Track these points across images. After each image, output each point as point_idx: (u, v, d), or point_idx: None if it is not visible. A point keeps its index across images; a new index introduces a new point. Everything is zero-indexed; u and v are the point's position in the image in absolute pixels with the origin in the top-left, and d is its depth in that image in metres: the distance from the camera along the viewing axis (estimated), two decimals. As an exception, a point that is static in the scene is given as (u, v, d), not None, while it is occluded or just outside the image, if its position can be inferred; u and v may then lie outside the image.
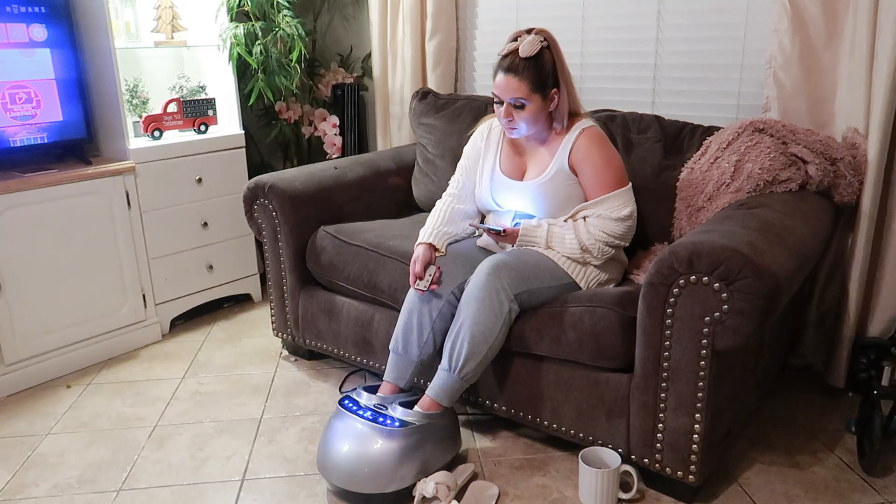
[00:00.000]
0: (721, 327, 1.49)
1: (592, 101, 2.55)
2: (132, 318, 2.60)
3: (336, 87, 3.19)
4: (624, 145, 2.17)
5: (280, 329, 2.48)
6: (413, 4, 2.85)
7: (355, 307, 2.20)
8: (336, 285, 2.24)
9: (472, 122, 2.39)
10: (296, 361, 2.51)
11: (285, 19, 2.76)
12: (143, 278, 2.62)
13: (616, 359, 1.69)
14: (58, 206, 2.34)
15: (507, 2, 2.75)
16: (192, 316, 2.87)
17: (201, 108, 2.79)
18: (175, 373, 2.44)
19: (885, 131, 1.93)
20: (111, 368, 2.49)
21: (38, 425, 2.13)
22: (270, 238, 2.37)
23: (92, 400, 2.27)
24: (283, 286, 2.40)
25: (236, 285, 2.97)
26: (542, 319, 1.78)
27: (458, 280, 1.87)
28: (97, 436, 2.06)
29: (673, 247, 1.53)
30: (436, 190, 2.44)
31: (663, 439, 1.64)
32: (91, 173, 2.40)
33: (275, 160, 3.42)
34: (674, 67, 2.41)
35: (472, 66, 2.94)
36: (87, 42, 2.50)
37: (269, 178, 2.33)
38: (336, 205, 2.43)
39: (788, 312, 2.09)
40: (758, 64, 2.23)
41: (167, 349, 2.63)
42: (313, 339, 2.36)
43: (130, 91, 2.72)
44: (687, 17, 2.35)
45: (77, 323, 2.45)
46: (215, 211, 2.83)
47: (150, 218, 2.61)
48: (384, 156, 2.72)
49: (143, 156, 2.55)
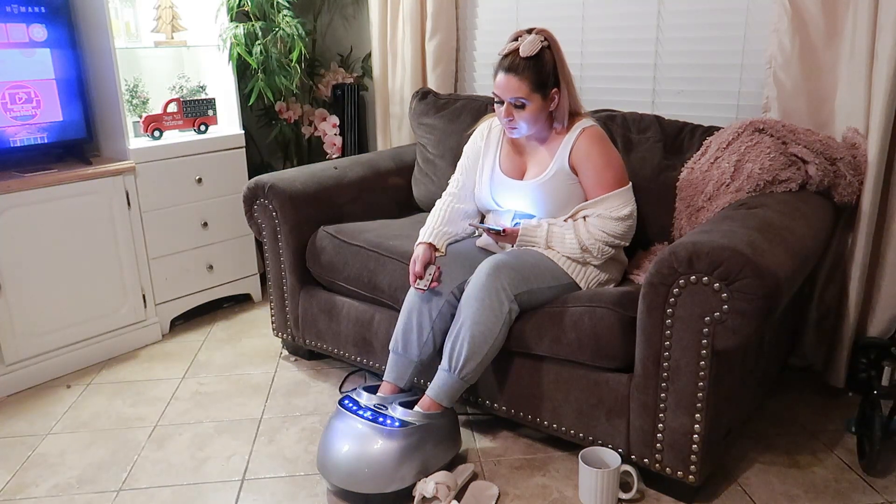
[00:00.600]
0: (721, 327, 1.49)
1: (592, 101, 2.56)
2: (132, 318, 2.60)
3: (336, 87, 3.19)
4: (624, 145, 2.17)
5: (280, 329, 2.48)
6: (413, 4, 2.85)
7: (355, 307, 2.20)
8: (336, 285, 2.24)
9: (472, 122, 2.39)
10: (296, 361, 2.51)
11: (285, 19, 2.76)
12: (143, 278, 2.62)
13: (616, 359, 1.69)
14: (58, 206, 2.34)
15: (507, 2, 2.75)
16: (191, 316, 2.87)
17: (201, 108, 2.79)
18: (175, 373, 2.44)
19: (885, 131, 1.93)
20: (111, 368, 2.49)
21: (38, 425, 2.13)
22: (270, 238, 2.37)
23: (92, 400, 2.27)
24: (283, 286, 2.40)
25: (236, 285, 2.97)
26: (542, 319, 1.78)
27: (458, 280, 1.87)
28: (97, 436, 2.06)
29: (673, 247, 1.53)
30: (436, 190, 2.44)
31: (663, 439, 1.64)
32: (91, 173, 2.40)
33: (275, 160, 3.42)
34: (674, 67, 2.41)
35: (472, 66, 2.94)
36: (87, 42, 2.50)
37: (269, 177, 2.33)
38: (336, 205, 2.43)
39: (788, 312, 2.09)
40: (758, 64, 2.23)
41: (167, 349, 2.63)
42: (313, 339, 2.36)
43: (130, 91, 2.72)
44: (687, 17, 2.35)
45: (77, 323, 2.45)
46: (215, 211, 2.83)
47: (150, 218, 2.61)
48: (384, 156, 2.72)
49: (143, 156, 2.55)
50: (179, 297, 2.77)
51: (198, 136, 2.77)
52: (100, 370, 2.47)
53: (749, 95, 2.28)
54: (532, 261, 1.84)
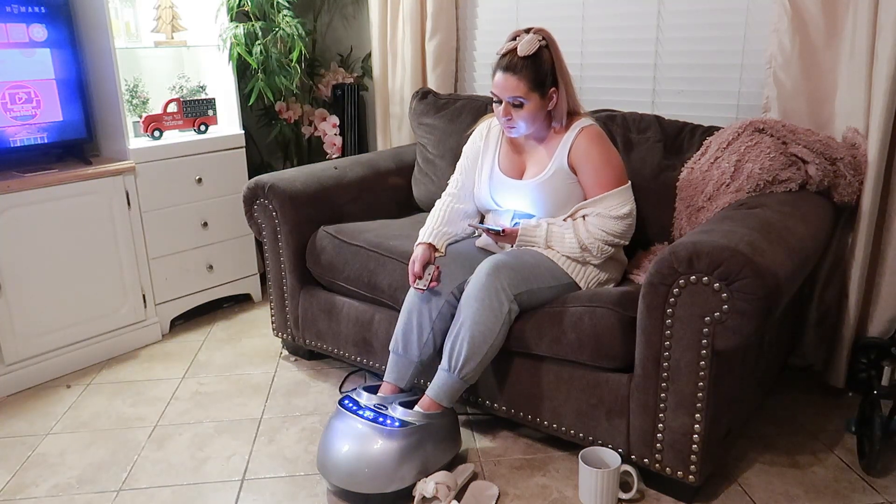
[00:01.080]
0: (721, 327, 1.49)
1: (592, 101, 2.56)
2: (132, 318, 2.61)
3: (336, 87, 3.19)
4: (624, 145, 2.17)
5: (280, 329, 2.48)
6: (413, 4, 2.85)
7: (355, 307, 2.20)
8: (336, 285, 2.24)
9: (471, 122, 2.39)
10: (296, 361, 2.51)
11: (285, 19, 2.76)
12: (143, 278, 2.62)
13: (616, 359, 1.69)
14: (58, 206, 2.34)
15: (507, 2, 2.75)
16: (192, 316, 2.87)
17: (201, 108, 2.80)
18: (175, 373, 2.44)
19: (885, 131, 1.93)
20: (111, 368, 2.49)
21: (39, 425, 2.13)
22: (270, 238, 2.37)
23: (92, 400, 2.27)
24: (283, 286, 2.40)
25: (236, 285, 2.97)
26: (542, 319, 1.78)
27: (458, 280, 1.87)
28: (97, 436, 2.06)
29: (673, 247, 1.53)
30: (436, 190, 2.44)
31: (663, 439, 1.64)
32: (91, 173, 2.40)
33: (275, 160, 3.42)
34: (674, 67, 2.41)
35: (472, 65, 2.94)
36: (87, 42, 2.50)
37: (269, 178, 2.33)
38: (336, 205, 2.43)
39: (788, 312, 2.09)
40: (758, 64, 2.23)
41: (167, 349, 2.63)
42: (313, 339, 2.36)
43: (130, 91, 2.72)
44: (687, 17, 2.35)
45: (77, 323, 2.45)
46: (215, 211, 2.83)
47: (150, 218, 2.61)
48: (384, 156, 2.72)
49: (143, 156, 2.55)
50: (179, 296, 2.77)
51: (198, 136, 2.77)
52: (100, 370, 2.48)
53: (749, 95, 2.28)
54: (531, 261, 1.84)
